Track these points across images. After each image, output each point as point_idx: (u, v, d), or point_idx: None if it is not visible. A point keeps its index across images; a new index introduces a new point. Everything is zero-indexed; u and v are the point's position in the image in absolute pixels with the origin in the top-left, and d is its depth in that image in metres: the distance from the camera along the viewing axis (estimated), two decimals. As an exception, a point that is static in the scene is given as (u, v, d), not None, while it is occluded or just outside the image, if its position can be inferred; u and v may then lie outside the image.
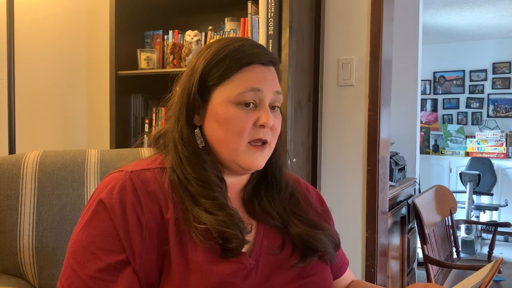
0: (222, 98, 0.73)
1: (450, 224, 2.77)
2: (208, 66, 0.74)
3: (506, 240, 4.84)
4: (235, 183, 0.80)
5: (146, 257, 0.66)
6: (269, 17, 1.58)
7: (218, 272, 0.67)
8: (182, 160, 0.74)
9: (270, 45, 1.58)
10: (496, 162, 4.96)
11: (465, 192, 4.42)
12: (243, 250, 0.70)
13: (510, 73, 5.37)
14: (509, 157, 5.00)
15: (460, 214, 4.34)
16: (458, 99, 5.67)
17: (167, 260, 0.67)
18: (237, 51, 0.74)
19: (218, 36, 1.79)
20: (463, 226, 4.20)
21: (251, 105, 0.73)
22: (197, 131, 0.77)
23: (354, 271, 0.98)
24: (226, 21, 1.80)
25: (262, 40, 1.59)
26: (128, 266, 0.65)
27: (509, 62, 5.35)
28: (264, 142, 0.75)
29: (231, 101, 0.73)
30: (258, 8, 1.63)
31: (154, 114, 1.93)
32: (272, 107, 0.76)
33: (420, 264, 2.90)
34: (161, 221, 0.69)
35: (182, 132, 0.75)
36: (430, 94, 5.81)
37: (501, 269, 2.00)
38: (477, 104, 5.56)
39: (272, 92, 0.75)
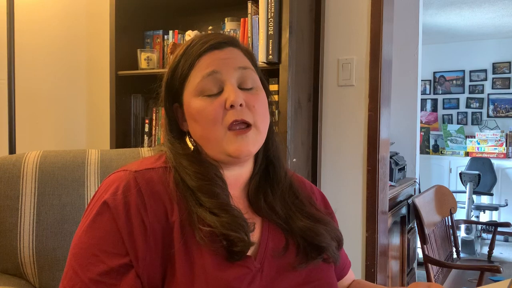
0: (189, 96, 0.74)
1: (450, 224, 2.78)
2: (171, 73, 0.77)
3: (506, 240, 4.83)
4: (237, 177, 0.78)
5: (150, 261, 0.65)
6: (269, 17, 1.58)
7: (223, 277, 0.65)
8: (182, 163, 0.73)
9: (270, 45, 1.58)
10: (496, 162, 4.96)
11: (465, 192, 4.42)
12: (249, 253, 0.69)
13: (510, 73, 5.37)
14: (509, 157, 5.00)
15: (460, 214, 4.34)
16: (458, 99, 5.67)
17: (171, 264, 0.66)
18: (188, 48, 0.75)
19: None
20: (463, 226, 4.20)
21: (216, 90, 0.72)
22: (187, 138, 0.78)
23: (354, 271, 0.98)
24: (226, 21, 1.80)
25: (262, 40, 1.59)
26: (131, 270, 0.64)
27: (509, 62, 5.35)
28: (247, 125, 0.72)
29: (195, 95, 0.73)
30: (258, 8, 1.63)
31: (154, 114, 1.93)
32: (247, 88, 0.74)
33: (420, 264, 2.90)
34: (166, 223, 0.68)
35: (174, 142, 0.77)
36: (430, 94, 5.81)
37: (501, 269, 2.00)
38: (477, 104, 5.56)
39: (234, 69, 0.74)
